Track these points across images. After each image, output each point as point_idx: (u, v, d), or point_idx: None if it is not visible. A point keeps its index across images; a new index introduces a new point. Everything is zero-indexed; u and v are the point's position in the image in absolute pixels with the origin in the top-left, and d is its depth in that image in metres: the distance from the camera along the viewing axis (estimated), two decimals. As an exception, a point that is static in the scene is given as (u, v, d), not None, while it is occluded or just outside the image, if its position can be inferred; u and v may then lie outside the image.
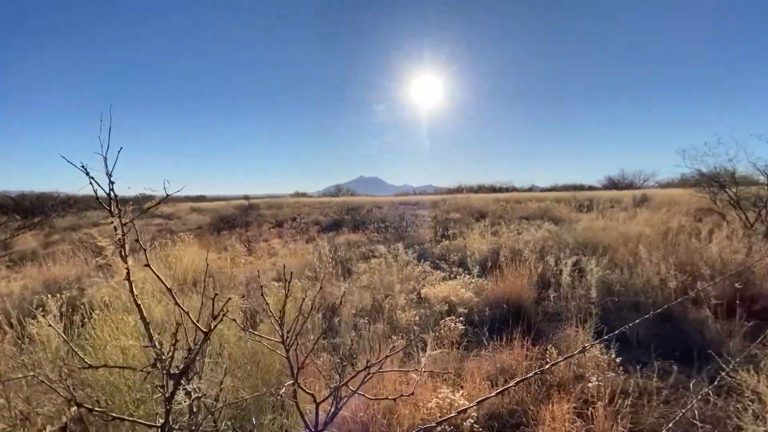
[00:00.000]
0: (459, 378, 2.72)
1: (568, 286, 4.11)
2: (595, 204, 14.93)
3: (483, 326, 3.60)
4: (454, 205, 18.49)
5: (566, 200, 17.29)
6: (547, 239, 6.47)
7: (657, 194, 15.83)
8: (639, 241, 5.45)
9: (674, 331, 3.53)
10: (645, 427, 2.23)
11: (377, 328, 3.74)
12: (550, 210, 13.87)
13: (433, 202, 22.10)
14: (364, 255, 6.99)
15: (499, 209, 15.97)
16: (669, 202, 11.57)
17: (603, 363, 2.63)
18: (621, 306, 3.91)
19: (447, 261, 6.30)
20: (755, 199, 7.11)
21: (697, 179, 8.27)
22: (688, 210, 9.25)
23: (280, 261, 6.89)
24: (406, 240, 8.80)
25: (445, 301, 4.20)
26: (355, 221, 12.87)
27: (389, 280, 4.82)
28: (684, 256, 4.85)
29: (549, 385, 2.57)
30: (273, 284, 3.70)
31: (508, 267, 4.74)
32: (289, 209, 21.82)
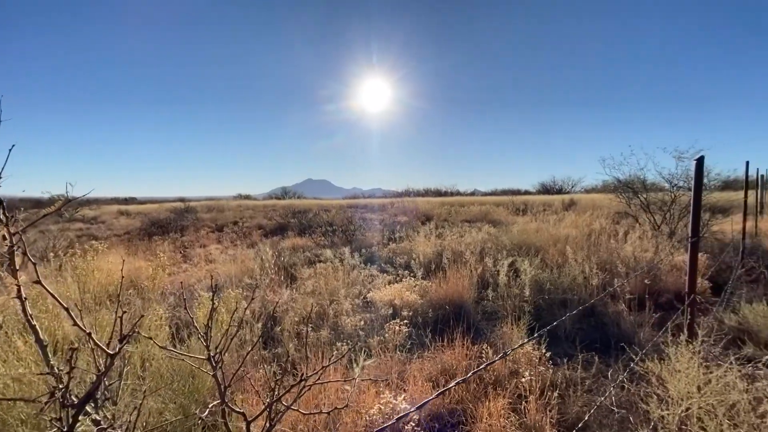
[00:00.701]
0: (402, 381, 2.73)
1: (504, 286, 4.33)
2: (529, 208, 16.04)
3: (426, 328, 3.67)
4: (401, 208, 18.81)
5: (505, 204, 18.37)
6: (486, 241, 6.80)
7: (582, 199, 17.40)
8: (567, 242, 5.93)
9: (596, 324, 3.86)
10: (571, 416, 2.40)
11: (321, 335, 3.65)
12: (490, 213, 14.64)
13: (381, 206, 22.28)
14: (309, 260, 6.84)
15: (444, 212, 16.53)
16: (592, 206, 12.77)
17: (535, 358, 2.79)
18: (551, 303, 4.20)
19: (394, 264, 6.37)
20: (661, 203, 8.07)
21: (615, 186, 9.21)
22: (608, 213, 10.26)
23: (219, 268, 6.50)
24: (354, 244, 8.76)
25: (390, 305, 4.22)
26: (302, 225, 12.55)
27: (335, 285, 4.74)
28: (604, 255, 5.36)
29: (486, 382, 2.67)
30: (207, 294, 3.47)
31: (450, 269, 4.89)
32: (230, 213, 20.76)
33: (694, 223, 2.21)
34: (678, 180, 7.85)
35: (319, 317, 4.16)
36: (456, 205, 20.36)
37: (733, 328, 3.38)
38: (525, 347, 2.90)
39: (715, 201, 8.25)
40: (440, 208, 17.97)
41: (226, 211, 22.16)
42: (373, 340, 3.34)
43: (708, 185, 8.51)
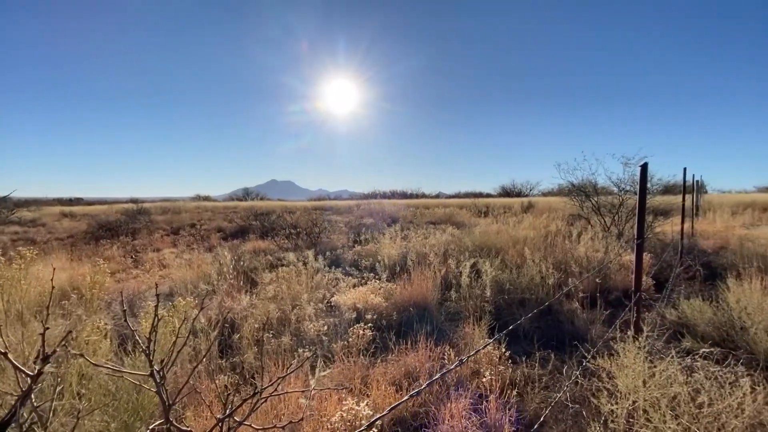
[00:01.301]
0: (365, 386, 2.70)
1: (467, 287, 4.41)
2: (491, 210, 16.57)
3: (390, 330, 3.65)
4: (368, 210, 18.79)
5: (468, 206, 18.86)
6: (450, 243, 6.92)
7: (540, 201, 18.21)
8: (525, 243, 6.15)
9: (553, 322, 4.02)
10: (529, 413, 2.47)
11: (282, 341, 3.54)
12: (454, 215, 14.96)
13: (347, 208, 22.16)
14: (271, 264, 6.63)
15: (410, 215, 16.69)
16: (549, 209, 13.39)
17: (495, 358, 2.86)
18: (511, 302, 4.33)
19: (359, 267, 6.32)
20: (611, 206, 8.60)
21: (569, 189, 9.70)
22: (564, 215, 10.79)
23: (173, 273, 6.15)
24: (318, 246, 8.62)
25: (355, 308, 4.18)
26: (264, 227, 12.19)
27: (297, 290, 4.62)
28: (560, 255, 5.62)
29: (449, 383, 2.69)
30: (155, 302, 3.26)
31: (415, 271, 4.92)
32: (188, 214, 19.82)
33: (639, 226, 2.35)
34: (625, 184, 8.40)
35: (280, 323, 4.03)
36: (421, 207, 20.65)
37: (673, 322, 3.64)
38: (486, 347, 2.95)
39: (657, 204, 8.90)
40: (406, 210, 18.15)
41: (182, 212, 21.12)
42: (337, 345, 3.28)
43: (651, 190, 9.17)
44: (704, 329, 3.36)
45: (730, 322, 3.29)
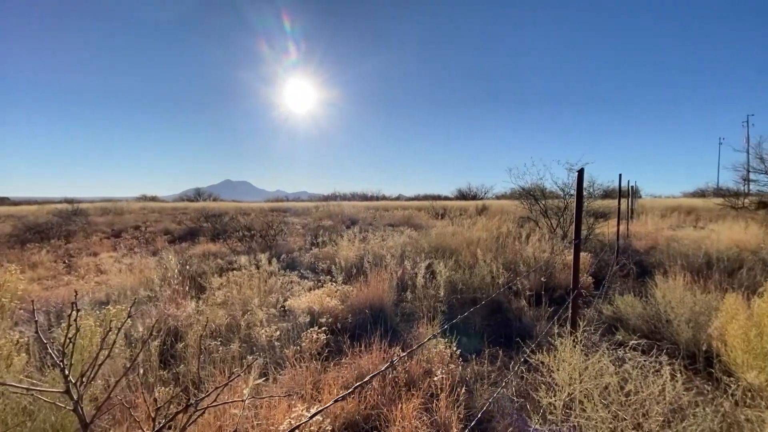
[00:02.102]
0: (317, 392, 2.64)
1: (422, 287, 4.48)
2: (448, 212, 16.99)
3: (345, 333, 3.62)
4: (327, 212, 18.57)
5: (426, 209, 19.22)
6: (407, 245, 6.99)
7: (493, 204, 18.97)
8: (478, 244, 6.36)
9: (502, 320, 4.18)
10: (478, 409, 2.54)
11: (231, 349, 3.38)
12: (413, 217, 15.18)
13: (306, 209, 21.77)
14: (222, 268, 6.34)
15: (370, 216, 16.70)
16: (502, 211, 13.99)
17: (447, 356, 2.91)
18: (464, 302, 4.45)
19: (316, 270, 6.21)
20: (556, 209, 9.13)
21: (520, 193, 10.19)
22: (514, 218, 11.30)
23: (112, 279, 5.69)
24: (274, 249, 8.37)
25: (309, 312, 4.09)
26: (216, 229, 11.65)
27: (249, 294, 4.45)
28: (510, 256, 5.87)
29: (401, 384, 2.71)
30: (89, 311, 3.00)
31: (372, 273, 4.92)
32: (131, 216, 18.48)
33: (576, 228, 2.51)
34: (569, 189, 8.97)
35: (229, 330, 3.86)
36: (381, 209, 20.75)
37: (609, 317, 3.92)
38: (438, 346, 3.01)
39: (597, 207, 9.59)
40: (366, 212, 18.15)
41: (125, 213, 19.67)
42: (289, 351, 3.19)
43: (593, 194, 9.87)
44: (635, 323, 3.65)
45: (657, 315, 3.59)
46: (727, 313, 2.50)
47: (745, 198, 15.09)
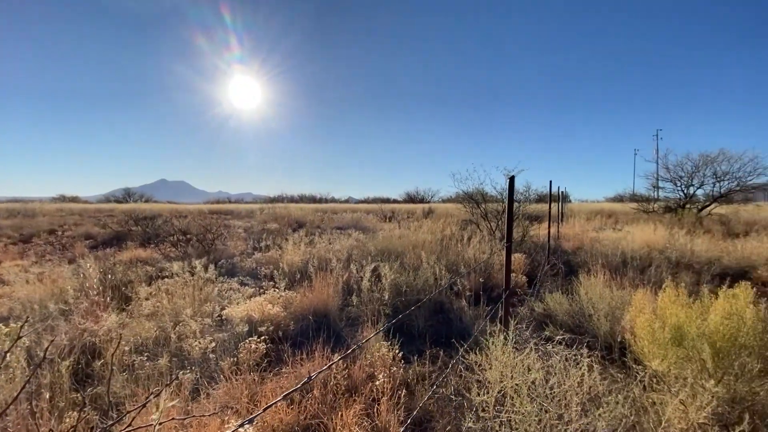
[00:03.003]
0: (254, 405, 2.52)
1: (367, 291, 4.48)
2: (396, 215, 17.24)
3: (287, 342, 3.50)
4: (272, 214, 17.94)
5: (375, 212, 19.34)
6: (354, 248, 6.97)
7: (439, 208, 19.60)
8: (423, 247, 6.51)
9: (444, 320, 4.31)
10: (418, 410, 2.58)
11: (159, 364, 3.12)
12: (361, 220, 15.18)
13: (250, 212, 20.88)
14: (151, 276, 5.85)
15: (318, 219, 16.43)
16: (446, 214, 14.49)
17: (389, 359, 2.93)
18: (408, 304, 4.52)
19: (258, 275, 5.96)
20: (496, 212, 9.65)
21: (463, 197, 10.62)
22: (458, 220, 11.76)
23: (18, 291, 4.99)
24: (212, 254, 7.90)
25: (249, 321, 3.90)
26: (147, 234, 10.74)
27: (181, 304, 4.14)
28: (453, 257, 6.08)
29: (343, 390, 2.67)
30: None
31: (317, 277, 4.82)
32: (46, 218, 16.45)
33: (508, 231, 2.66)
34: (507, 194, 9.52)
35: (158, 343, 3.56)
36: (329, 212, 20.51)
37: (540, 314, 4.21)
38: (381, 350, 3.01)
39: (532, 210, 10.29)
40: (313, 215, 17.81)
41: (38, 216, 17.45)
42: (225, 363, 3.01)
43: (529, 198, 10.57)
44: (563, 318, 3.95)
45: (581, 311, 3.92)
46: (636, 308, 2.79)
47: (654, 203, 17.08)
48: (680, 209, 15.00)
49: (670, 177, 16.06)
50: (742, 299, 2.44)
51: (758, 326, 2.35)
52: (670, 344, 2.42)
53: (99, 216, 18.33)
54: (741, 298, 2.46)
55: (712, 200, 14.99)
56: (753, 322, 2.33)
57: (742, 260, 7.09)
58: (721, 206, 14.95)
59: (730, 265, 6.87)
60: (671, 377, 2.41)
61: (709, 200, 15.11)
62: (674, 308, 2.49)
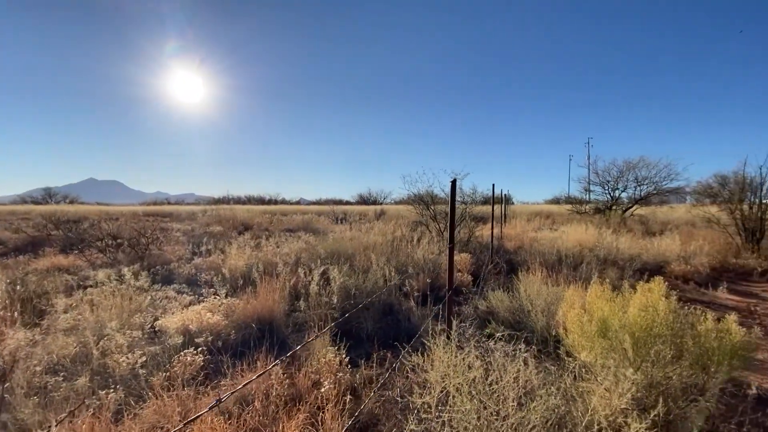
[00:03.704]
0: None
1: (315, 295, 4.37)
2: (348, 217, 17.14)
3: (227, 352, 3.31)
4: (216, 216, 17.00)
5: (326, 213, 19.08)
6: (303, 251, 6.80)
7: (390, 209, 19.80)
8: (373, 249, 6.52)
9: (393, 321, 4.33)
10: (365, 414, 2.55)
11: (79, 384, 2.80)
12: (312, 222, 14.89)
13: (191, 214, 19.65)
14: (71, 286, 5.27)
15: (266, 221, 15.85)
16: (398, 216, 14.66)
17: (336, 365, 2.87)
18: (357, 307, 4.48)
19: (198, 282, 5.60)
20: (444, 214, 9.93)
21: (413, 198, 10.81)
22: (408, 222, 11.94)
23: None
24: (146, 260, 7.29)
25: (184, 332, 3.64)
26: (70, 239, 9.68)
27: (106, 316, 3.77)
28: (402, 259, 6.14)
29: (287, 400, 2.57)
30: None
31: (262, 282, 4.62)
32: (-60, 223, 14.23)
33: (450, 233, 2.73)
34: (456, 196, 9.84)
35: (78, 361, 3.20)
36: (279, 213, 19.88)
37: (483, 312, 4.37)
38: (327, 356, 2.95)
39: (478, 212, 10.72)
40: (261, 217, 17.16)
41: (-69, 220, 15.06)
42: (157, 379, 2.77)
43: (475, 200, 11.00)
44: (504, 315, 4.14)
45: (520, 307, 4.13)
46: (567, 303, 3.00)
47: (586, 205, 18.60)
48: (608, 210, 16.48)
49: (599, 181, 17.61)
50: (656, 293, 2.70)
51: (669, 317, 2.62)
52: (597, 336, 2.61)
53: (11, 219, 16.22)
54: (655, 291, 2.72)
55: (634, 202, 16.65)
56: (665, 313, 2.59)
57: (658, 256, 7.93)
58: (641, 208, 16.65)
59: (649, 261, 7.65)
60: (598, 367, 2.61)
61: (631, 202, 16.77)
62: (600, 303, 2.70)
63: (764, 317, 5.07)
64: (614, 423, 2.16)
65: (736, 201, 9.41)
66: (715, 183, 10.74)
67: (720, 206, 10.03)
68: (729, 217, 9.42)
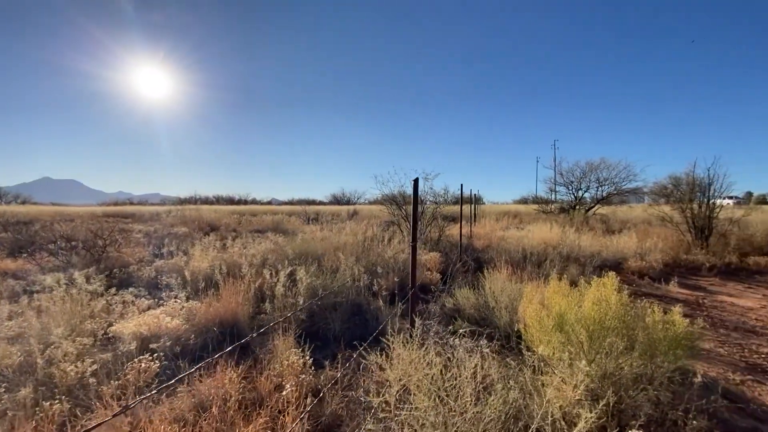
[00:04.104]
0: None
1: (281, 296, 4.29)
2: (321, 217, 16.96)
3: (186, 357, 3.19)
4: (181, 217, 16.37)
5: (298, 213, 18.79)
6: (271, 252, 6.65)
7: (364, 209, 19.76)
8: (344, 249, 6.47)
9: (361, 321, 4.31)
10: (328, 416, 2.52)
11: (21, 395, 2.62)
12: (283, 223, 14.63)
13: (155, 214, 18.84)
14: (16, 291, 4.92)
15: (234, 222, 15.42)
16: (371, 216, 14.65)
17: (299, 366, 2.82)
18: (324, 307, 4.43)
19: (158, 285, 5.35)
20: (416, 213, 10.01)
21: (385, 199, 10.83)
22: (381, 222, 11.96)
23: None
24: (103, 263, 6.91)
25: (141, 337, 3.47)
26: (19, 241, 9.05)
27: (54, 322, 3.54)
28: (373, 258, 6.14)
29: (247, 404, 2.50)
30: None
31: (226, 285, 4.48)
32: None
33: (413, 231, 2.75)
34: (427, 196, 9.96)
35: (21, 371, 2.99)
36: (248, 214, 19.40)
37: (450, 309, 4.43)
38: (291, 358, 2.89)
39: (449, 211, 10.88)
40: (229, 217, 16.68)
41: None
42: (108, 388, 2.63)
43: (447, 200, 11.15)
44: (470, 312, 4.21)
45: (486, 304, 4.22)
46: (527, 299, 3.08)
47: (552, 205, 19.30)
48: (572, 210, 17.16)
49: (564, 182, 18.32)
50: (609, 287, 2.83)
51: (620, 310, 2.74)
52: (554, 330, 2.70)
53: (-49, 221, 14.94)
54: (608, 286, 2.85)
55: (596, 202, 17.43)
56: (617, 306, 2.72)
57: (617, 253, 8.33)
58: (603, 207, 17.45)
59: (609, 258, 8.02)
60: (555, 360, 2.70)
61: (593, 202, 17.55)
62: (557, 298, 2.79)
63: (711, 309, 5.44)
64: (569, 414, 2.24)
65: (687, 201, 10.02)
66: (669, 184, 11.41)
67: (673, 206, 10.65)
68: (681, 215, 10.02)
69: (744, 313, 5.25)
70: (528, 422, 2.00)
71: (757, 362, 3.70)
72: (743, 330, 4.56)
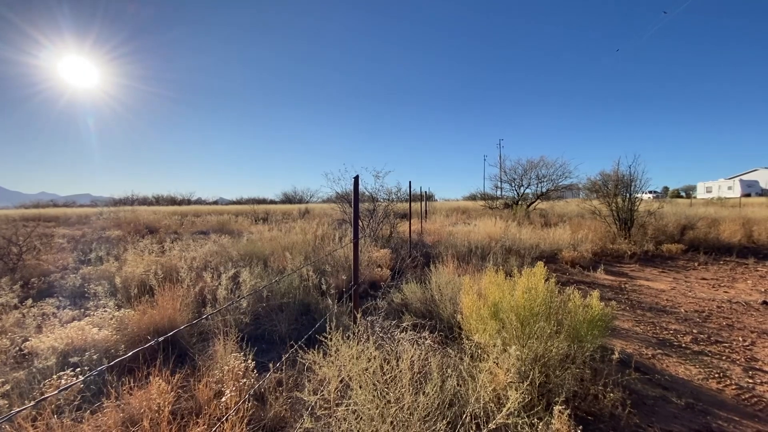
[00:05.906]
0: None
1: (224, 300, 4.13)
2: (271, 216, 16.46)
3: (114, 370, 2.96)
4: (114, 219, 15.08)
5: (247, 213, 18.08)
6: (214, 254, 6.36)
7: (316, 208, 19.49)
8: (293, 248, 6.35)
9: (309, 321, 4.26)
10: (269, 420, 2.48)
11: None
12: (229, 223, 14.01)
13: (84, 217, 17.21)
14: None
15: (175, 224, 14.51)
16: (323, 214, 14.48)
17: (241, 371, 2.74)
18: (270, 309, 4.33)
19: (86, 294, 4.91)
20: (367, 212, 10.06)
21: (338, 197, 10.78)
22: (332, 220, 11.87)
23: None
24: (18, 272, 6.20)
25: (63, 352, 3.17)
26: None
27: (-47, 342, 3.13)
28: (324, 257, 6.08)
29: (183, 414, 2.39)
30: None
31: (163, 290, 4.22)
32: None
33: (354, 228, 2.78)
34: (379, 193, 10.06)
35: None
36: (191, 215, 18.34)
37: (399, 304, 4.53)
38: (232, 363, 2.80)
39: (402, 209, 11.07)
40: (170, 219, 15.67)
41: None
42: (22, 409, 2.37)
43: (400, 197, 11.32)
44: (416, 306, 4.33)
45: (431, 297, 4.36)
46: (464, 290, 3.24)
47: (497, 201, 20.32)
48: (515, 205, 18.19)
49: (507, 179, 19.35)
50: (538, 276, 3.05)
51: (547, 297, 2.98)
52: (489, 318, 2.87)
53: None
54: (537, 275, 3.07)
55: (536, 198, 18.62)
56: (544, 294, 2.94)
57: (554, 245, 8.96)
58: (542, 203, 18.68)
59: (546, 249, 8.61)
60: (491, 347, 2.87)
61: (534, 198, 18.72)
62: (492, 288, 2.96)
63: (631, 292, 6.04)
64: (502, 397, 2.39)
65: (613, 195, 11.04)
66: (599, 180, 12.49)
67: (602, 200, 11.67)
68: (608, 209, 11.02)
69: (657, 294, 5.91)
70: (463, 407, 2.12)
71: (666, 338, 4.18)
72: (656, 310, 5.13)
